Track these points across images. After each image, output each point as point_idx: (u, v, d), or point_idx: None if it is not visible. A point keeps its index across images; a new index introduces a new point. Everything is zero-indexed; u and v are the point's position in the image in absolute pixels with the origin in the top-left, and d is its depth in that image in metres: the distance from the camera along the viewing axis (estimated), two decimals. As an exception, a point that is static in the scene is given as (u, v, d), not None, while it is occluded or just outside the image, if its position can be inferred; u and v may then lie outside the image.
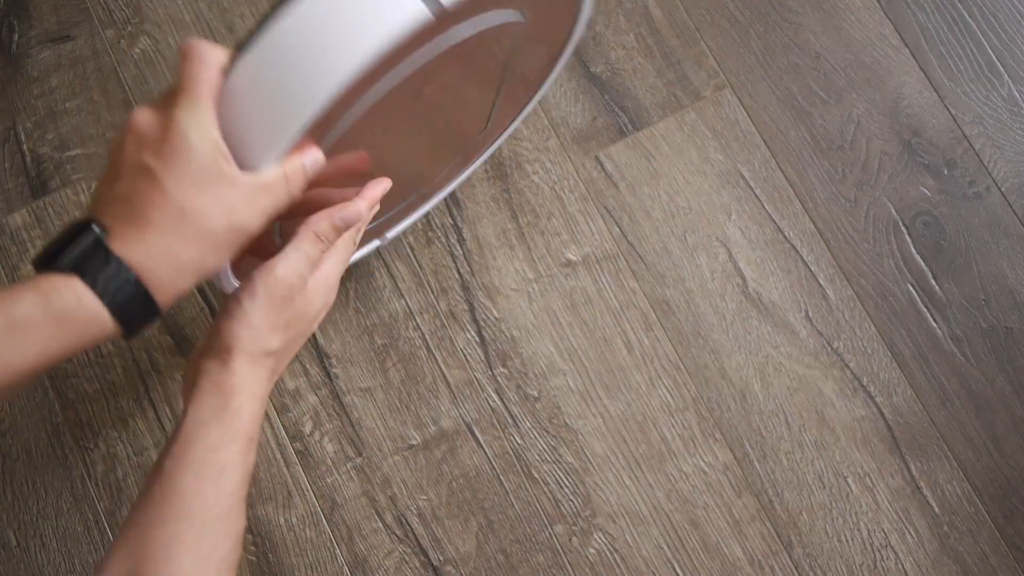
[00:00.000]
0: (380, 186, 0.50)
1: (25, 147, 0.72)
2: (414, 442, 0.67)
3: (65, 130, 0.72)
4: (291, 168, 0.42)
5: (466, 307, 0.69)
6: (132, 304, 0.38)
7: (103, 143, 0.72)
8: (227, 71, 0.39)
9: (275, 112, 0.40)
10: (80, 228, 0.37)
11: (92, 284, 0.37)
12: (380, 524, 0.65)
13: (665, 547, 0.65)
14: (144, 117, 0.39)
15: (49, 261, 0.37)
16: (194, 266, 0.39)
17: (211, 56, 0.39)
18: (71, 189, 0.71)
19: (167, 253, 0.38)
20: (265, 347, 0.46)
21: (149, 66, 0.74)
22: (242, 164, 0.40)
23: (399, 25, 0.38)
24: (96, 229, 0.37)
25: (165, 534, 0.41)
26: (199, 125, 0.39)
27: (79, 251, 0.37)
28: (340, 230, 0.48)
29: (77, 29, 0.75)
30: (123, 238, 0.38)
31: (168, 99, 0.39)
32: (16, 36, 0.75)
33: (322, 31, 0.38)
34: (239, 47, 0.39)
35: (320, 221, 0.47)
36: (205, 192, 0.39)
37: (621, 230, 0.71)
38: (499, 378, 0.68)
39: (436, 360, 0.68)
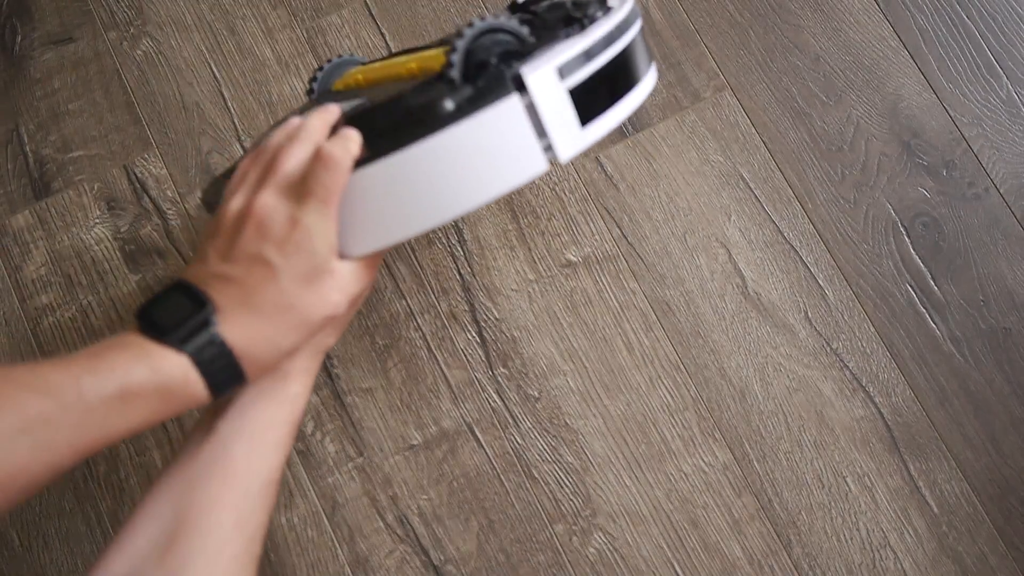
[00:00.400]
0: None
1: (28, 148, 0.72)
2: (415, 442, 0.67)
3: (68, 131, 0.73)
4: (373, 258, 0.45)
5: (467, 307, 0.69)
6: (227, 381, 0.40)
7: (105, 144, 0.73)
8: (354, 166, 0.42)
9: (394, 219, 0.43)
10: (194, 304, 0.39)
11: (200, 367, 0.39)
12: (381, 524, 0.65)
13: (665, 546, 0.65)
14: (269, 209, 0.41)
15: (157, 327, 0.39)
16: (287, 349, 0.42)
17: (346, 164, 0.41)
18: (73, 190, 0.71)
19: (269, 340, 0.41)
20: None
21: (151, 68, 0.75)
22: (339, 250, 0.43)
23: (523, 176, 0.43)
24: (213, 318, 0.39)
25: (210, 491, 0.42)
26: (324, 232, 0.41)
27: (192, 331, 0.39)
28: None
29: (79, 31, 0.75)
30: (232, 321, 0.40)
31: (296, 195, 0.41)
32: (18, 38, 0.75)
33: (458, 166, 0.42)
34: (368, 138, 0.43)
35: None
36: (312, 287, 0.41)
37: (621, 231, 0.71)
38: (500, 378, 0.68)
39: (437, 360, 0.68)
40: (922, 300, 0.72)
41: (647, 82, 0.51)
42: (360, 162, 0.43)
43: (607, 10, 0.50)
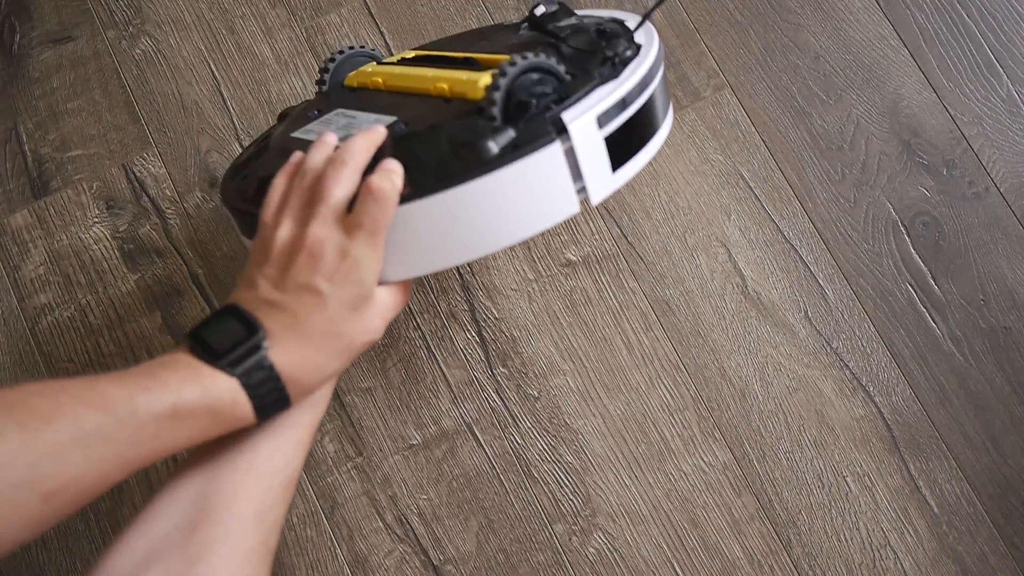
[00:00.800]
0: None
1: (26, 147, 0.72)
2: (414, 442, 0.67)
3: (66, 130, 0.73)
4: (407, 281, 0.47)
5: (466, 307, 0.69)
6: (273, 404, 0.42)
7: (104, 143, 0.72)
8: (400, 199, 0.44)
9: (433, 251, 0.46)
10: (245, 329, 0.41)
11: (248, 390, 0.41)
12: (380, 523, 0.65)
13: (665, 546, 0.65)
14: (320, 241, 0.42)
15: (210, 350, 0.41)
16: (331, 374, 0.44)
17: (394, 199, 0.43)
18: (72, 189, 0.71)
19: (315, 366, 0.43)
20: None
21: (150, 67, 0.75)
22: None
23: (557, 217, 0.46)
24: (264, 343, 0.41)
25: (234, 483, 0.43)
26: (372, 263, 0.43)
27: (243, 355, 0.41)
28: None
29: (78, 30, 0.75)
30: (281, 347, 0.42)
31: (344, 224, 0.43)
32: (17, 37, 0.75)
33: (498, 207, 0.45)
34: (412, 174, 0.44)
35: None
36: (357, 314, 0.44)
37: (621, 230, 0.71)
38: (499, 378, 0.68)
39: (436, 360, 0.68)
40: (922, 299, 0.71)
41: (668, 124, 0.53)
42: (405, 196, 0.44)
43: (635, 47, 0.51)
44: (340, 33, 0.76)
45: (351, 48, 0.63)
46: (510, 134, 0.45)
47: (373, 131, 0.47)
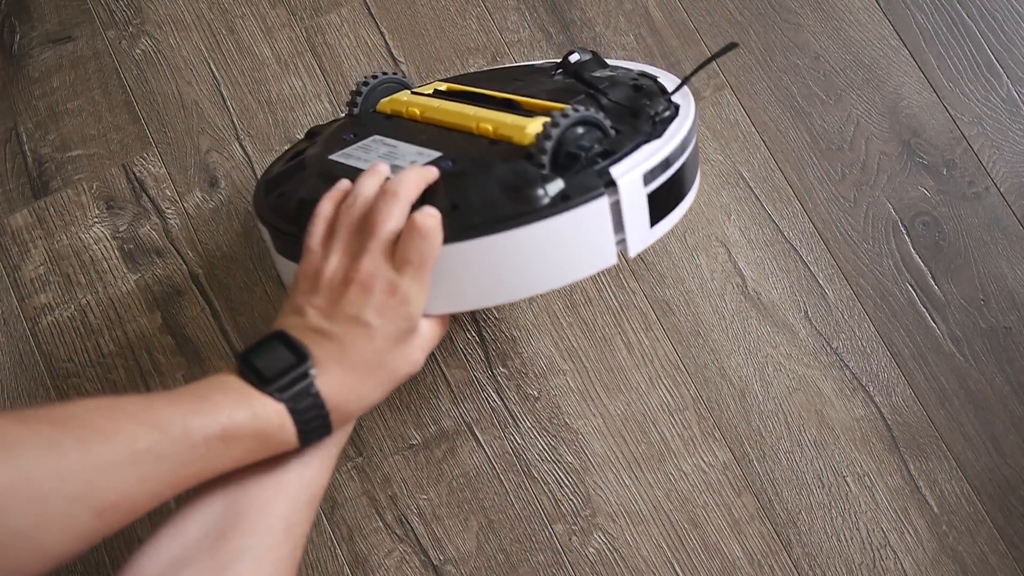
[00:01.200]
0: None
1: (26, 147, 0.72)
2: (414, 442, 0.67)
3: (66, 131, 0.73)
4: (446, 316, 0.49)
5: (466, 307, 0.69)
6: (316, 430, 0.43)
7: (104, 143, 0.73)
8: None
9: (475, 290, 0.48)
10: (294, 356, 0.42)
11: (294, 415, 0.42)
12: (380, 523, 0.65)
13: (665, 546, 0.65)
14: (371, 276, 0.44)
15: (259, 375, 0.42)
16: (372, 403, 0.45)
17: (440, 238, 0.44)
18: (72, 189, 0.71)
19: (359, 396, 0.44)
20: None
21: (150, 67, 0.75)
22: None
23: (596, 268, 0.49)
24: (311, 371, 0.42)
25: (264, 496, 0.44)
26: (419, 298, 0.45)
27: (292, 382, 0.42)
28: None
29: (78, 30, 0.75)
30: (328, 376, 0.43)
31: (393, 259, 0.44)
32: (17, 37, 0.75)
33: (542, 254, 0.47)
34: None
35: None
36: (401, 346, 0.45)
37: (621, 230, 0.71)
38: (499, 378, 0.68)
39: (436, 360, 0.68)
40: (922, 299, 0.71)
41: (698, 182, 0.56)
42: (454, 235, 0.46)
43: (674, 106, 0.53)
44: (340, 33, 0.76)
45: (384, 74, 0.63)
46: (559, 183, 0.47)
47: (426, 169, 0.47)
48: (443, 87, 0.61)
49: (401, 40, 0.76)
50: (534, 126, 0.50)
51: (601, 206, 0.47)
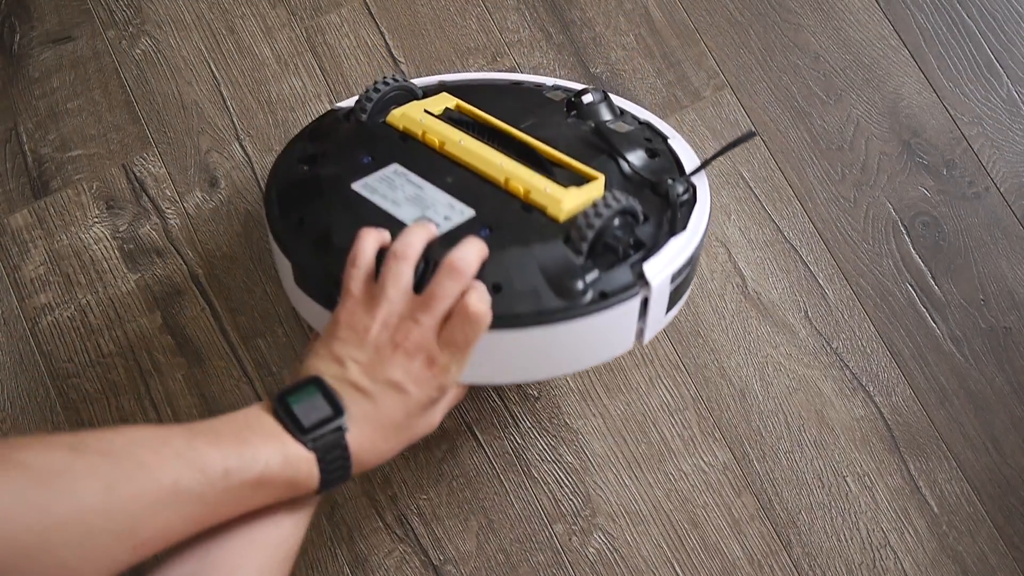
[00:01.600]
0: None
1: (26, 147, 0.72)
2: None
3: (66, 130, 0.73)
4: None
5: (466, 307, 0.69)
6: (336, 480, 0.45)
7: (104, 143, 0.73)
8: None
9: (505, 368, 0.51)
10: (332, 408, 0.44)
11: (322, 466, 0.43)
12: (380, 524, 0.65)
13: (665, 546, 0.65)
14: (419, 348, 0.45)
15: (298, 424, 0.43)
16: (388, 458, 0.47)
17: (487, 323, 0.46)
18: (72, 189, 0.71)
19: (379, 452, 0.46)
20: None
21: (150, 67, 0.75)
22: None
23: (616, 353, 0.53)
24: (345, 425, 0.44)
25: (237, 549, 0.44)
26: (457, 374, 0.47)
27: (326, 434, 0.43)
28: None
29: (78, 30, 0.75)
30: (358, 430, 0.44)
31: (442, 339, 0.46)
32: (17, 36, 0.75)
33: (573, 343, 0.50)
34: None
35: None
36: (429, 411, 0.47)
37: (621, 230, 0.71)
38: (499, 378, 0.68)
39: (436, 360, 0.68)
40: (922, 299, 0.71)
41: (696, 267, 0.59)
42: (498, 322, 0.48)
43: (691, 187, 0.57)
44: (340, 33, 0.76)
45: (394, 80, 0.61)
46: (597, 276, 0.50)
47: (481, 245, 0.48)
48: (452, 103, 0.60)
49: (401, 40, 0.76)
50: (570, 202, 0.52)
51: (634, 304, 0.51)
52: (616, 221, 0.51)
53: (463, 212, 0.52)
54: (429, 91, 0.64)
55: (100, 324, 0.68)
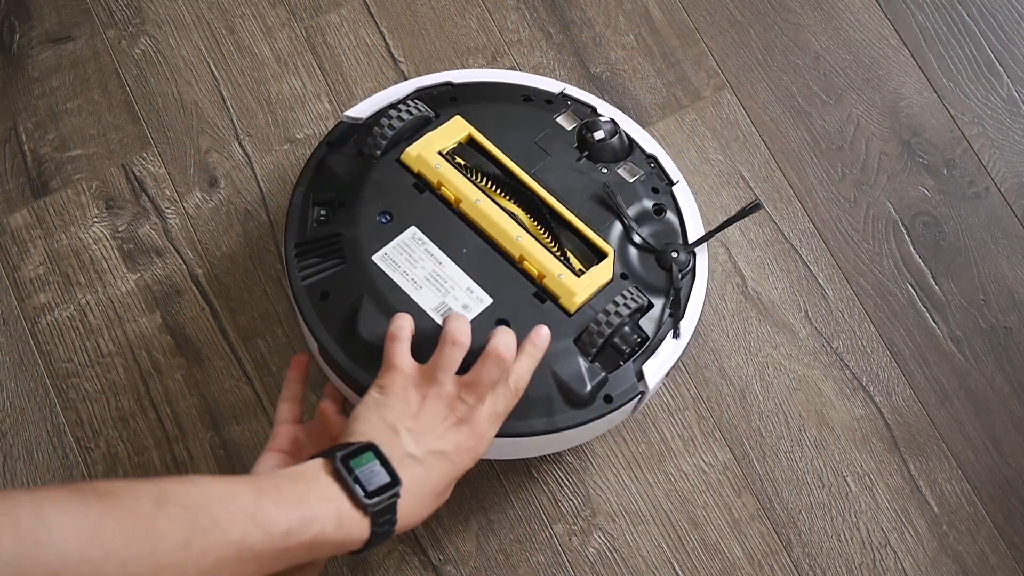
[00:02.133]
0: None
1: (26, 147, 0.72)
2: (414, 442, 0.67)
3: (66, 130, 0.73)
4: None
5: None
6: (381, 541, 0.46)
7: (103, 143, 0.72)
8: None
9: (515, 450, 0.59)
10: (390, 478, 0.45)
11: (373, 532, 0.45)
12: (380, 523, 0.65)
13: (665, 546, 0.65)
14: (463, 420, 0.49)
15: (359, 486, 0.44)
16: (420, 521, 0.49)
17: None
18: (72, 189, 0.71)
19: (418, 515, 0.48)
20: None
21: (150, 66, 0.74)
22: None
23: (605, 430, 0.62)
24: (399, 493, 0.45)
25: None
26: (489, 444, 0.51)
27: (382, 502, 0.44)
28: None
29: (78, 29, 0.75)
30: (408, 497, 0.46)
31: (486, 416, 0.50)
32: (17, 36, 0.75)
33: (578, 437, 0.59)
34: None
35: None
36: (454, 479, 0.50)
37: (621, 230, 0.71)
38: (499, 378, 0.68)
39: (436, 360, 0.68)
40: (922, 299, 0.71)
41: None
42: (514, 429, 0.54)
43: (692, 256, 0.62)
44: (340, 33, 0.76)
45: (408, 114, 0.61)
46: (601, 375, 0.56)
47: (512, 335, 0.52)
48: (465, 133, 0.61)
49: (401, 40, 0.76)
50: (581, 295, 0.57)
51: (634, 402, 0.57)
52: (627, 326, 0.57)
53: (481, 300, 0.57)
54: (435, 94, 0.65)
55: (100, 324, 0.68)
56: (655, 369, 0.57)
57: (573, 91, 0.67)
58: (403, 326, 0.52)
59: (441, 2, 0.77)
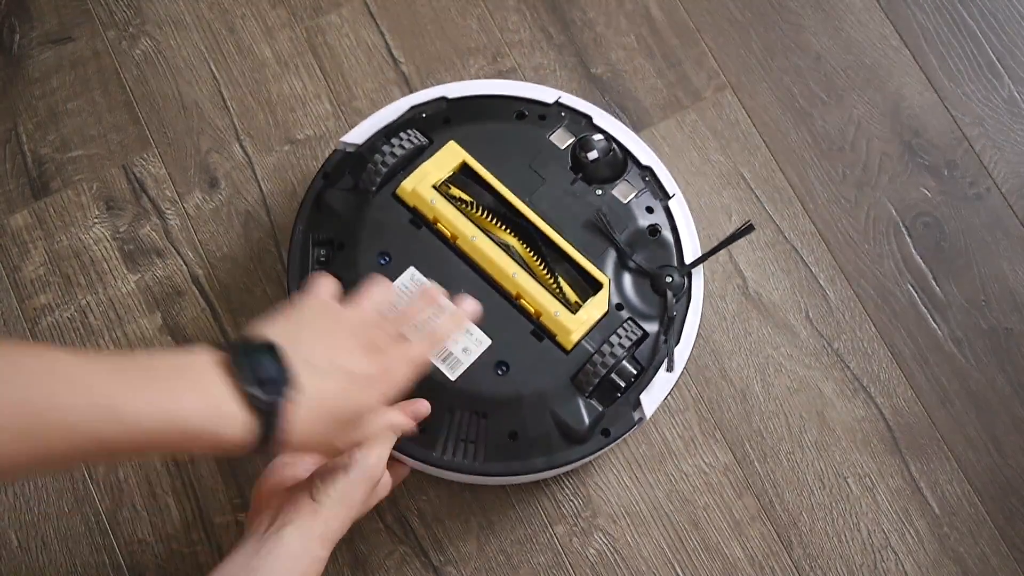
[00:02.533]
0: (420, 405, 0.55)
1: (26, 148, 0.72)
2: (415, 443, 0.67)
3: (66, 131, 0.73)
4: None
5: (467, 308, 0.69)
6: (264, 449, 0.41)
7: (104, 144, 0.72)
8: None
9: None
10: (285, 376, 0.41)
11: (260, 433, 0.40)
12: (381, 524, 0.65)
13: (666, 547, 0.65)
14: (380, 351, 0.47)
15: (248, 378, 0.40)
16: (312, 450, 0.50)
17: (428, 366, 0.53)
18: (72, 190, 0.71)
19: (312, 435, 0.43)
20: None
21: (150, 67, 0.74)
22: None
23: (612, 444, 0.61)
24: (289, 398, 0.41)
25: None
26: (397, 386, 0.49)
27: (271, 398, 0.40)
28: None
29: (78, 30, 0.75)
30: (299, 411, 0.41)
31: (400, 354, 0.49)
32: (17, 37, 0.75)
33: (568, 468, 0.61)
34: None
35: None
36: (358, 424, 0.47)
37: (622, 231, 0.71)
38: (500, 379, 0.68)
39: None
40: (923, 300, 0.71)
41: None
42: (517, 468, 0.58)
43: (686, 276, 0.62)
44: (340, 33, 0.76)
45: (402, 149, 0.62)
46: (599, 410, 0.58)
47: (446, 301, 0.55)
48: (459, 160, 0.62)
49: (401, 40, 0.76)
50: (578, 332, 0.58)
51: (629, 432, 0.60)
52: (624, 360, 0.58)
53: (480, 341, 0.58)
54: (428, 109, 0.65)
55: (100, 325, 0.68)
56: (652, 398, 0.59)
57: (569, 99, 0.67)
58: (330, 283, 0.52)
59: (442, 2, 0.77)
